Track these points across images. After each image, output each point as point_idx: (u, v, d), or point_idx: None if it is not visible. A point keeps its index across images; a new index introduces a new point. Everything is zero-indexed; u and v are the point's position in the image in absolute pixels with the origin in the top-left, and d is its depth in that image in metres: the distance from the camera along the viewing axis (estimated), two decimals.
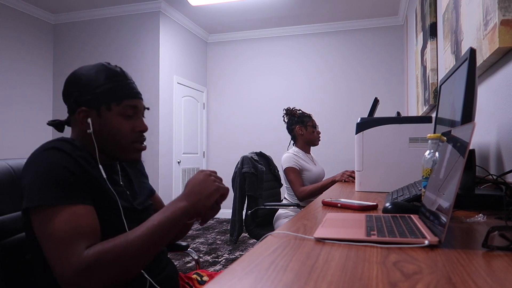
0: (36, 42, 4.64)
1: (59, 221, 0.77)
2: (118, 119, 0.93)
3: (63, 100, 0.98)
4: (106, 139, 0.93)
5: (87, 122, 0.92)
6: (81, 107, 0.92)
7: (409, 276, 0.48)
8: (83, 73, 0.94)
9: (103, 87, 0.92)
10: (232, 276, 0.49)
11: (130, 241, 0.78)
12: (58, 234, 0.76)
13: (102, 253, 0.75)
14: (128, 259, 0.77)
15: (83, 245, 0.77)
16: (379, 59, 5.07)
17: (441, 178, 0.74)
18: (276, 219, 2.52)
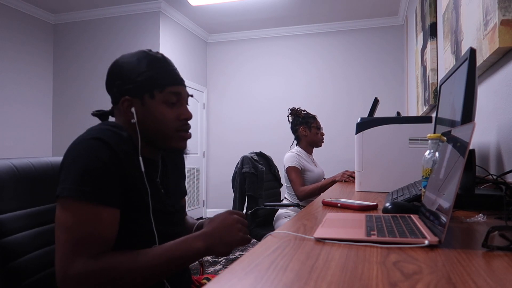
0: (36, 42, 4.64)
1: (79, 219, 0.76)
2: (161, 107, 0.91)
3: (107, 90, 0.96)
4: (151, 128, 0.91)
5: (131, 112, 0.90)
6: (124, 96, 0.90)
7: (409, 276, 0.48)
8: (124, 61, 0.92)
9: (145, 74, 0.90)
10: (232, 276, 0.50)
11: (137, 265, 0.76)
12: (74, 232, 0.76)
13: (106, 268, 0.74)
14: (130, 281, 0.75)
15: (93, 251, 0.76)
16: (379, 59, 5.07)
17: (441, 178, 0.74)
18: (276, 219, 2.52)
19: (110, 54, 4.70)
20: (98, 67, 4.75)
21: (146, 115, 0.90)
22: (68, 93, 4.84)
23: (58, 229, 0.77)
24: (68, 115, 4.83)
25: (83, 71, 4.80)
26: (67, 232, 0.76)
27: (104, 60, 4.73)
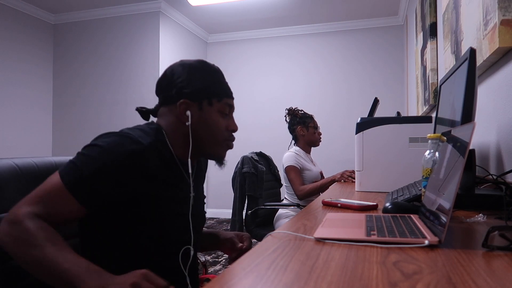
0: (36, 42, 4.64)
1: (53, 191, 0.81)
2: (216, 115, 0.96)
3: (159, 90, 0.99)
4: (203, 133, 0.95)
5: (186, 115, 0.93)
6: (183, 99, 0.94)
7: (409, 276, 0.48)
8: (187, 66, 0.96)
9: (207, 82, 0.96)
10: (232, 276, 0.50)
11: (40, 247, 0.74)
12: (44, 195, 0.81)
13: (32, 229, 0.75)
14: (30, 254, 0.75)
15: (41, 213, 0.79)
16: (379, 59, 5.07)
17: (441, 178, 0.74)
18: (276, 219, 2.52)
19: (110, 54, 4.71)
20: (98, 67, 4.75)
21: (201, 120, 0.95)
22: (68, 93, 4.84)
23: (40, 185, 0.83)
24: (68, 115, 4.83)
25: (83, 71, 4.80)
26: (40, 191, 0.82)
27: (104, 60, 4.73)
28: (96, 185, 0.82)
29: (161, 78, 0.99)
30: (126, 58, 4.65)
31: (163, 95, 0.98)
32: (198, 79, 0.95)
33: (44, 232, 0.77)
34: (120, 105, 4.64)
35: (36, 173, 0.96)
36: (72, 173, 0.83)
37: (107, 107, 4.69)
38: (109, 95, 4.70)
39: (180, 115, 0.94)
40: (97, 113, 4.73)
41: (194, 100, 0.94)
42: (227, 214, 5.45)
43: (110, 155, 0.83)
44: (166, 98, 0.97)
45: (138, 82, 4.59)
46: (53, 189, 0.82)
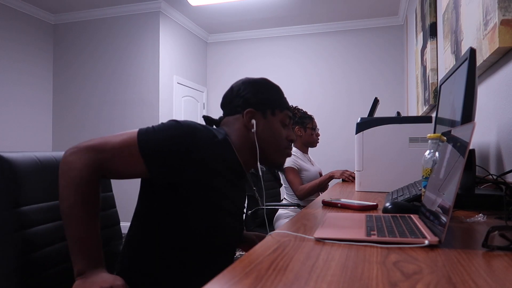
0: (36, 42, 4.64)
1: (123, 145, 0.87)
2: (278, 124, 1.05)
3: (225, 102, 1.08)
4: (266, 140, 1.03)
5: (251, 123, 1.01)
6: (249, 108, 1.02)
7: (409, 276, 0.48)
8: (252, 81, 1.07)
9: (271, 94, 1.05)
10: (232, 276, 0.50)
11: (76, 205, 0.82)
12: (113, 146, 0.86)
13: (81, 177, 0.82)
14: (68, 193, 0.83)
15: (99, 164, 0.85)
16: (379, 59, 5.07)
17: (441, 178, 0.74)
18: (276, 219, 2.52)
19: (110, 54, 4.71)
20: (98, 67, 4.75)
21: (265, 128, 1.03)
22: (68, 92, 4.84)
23: (115, 135, 0.89)
24: (68, 115, 4.83)
25: (83, 71, 4.80)
26: (111, 141, 0.87)
27: (104, 60, 4.73)
28: (165, 151, 0.87)
29: (228, 92, 1.09)
30: (126, 58, 4.65)
31: (229, 107, 1.06)
32: (263, 92, 1.05)
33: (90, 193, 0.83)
34: (120, 104, 4.64)
35: (55, 167, 1.00)
36: (150, 135, 0.88)
37: (107, 107, 4.69)
38: (109, 95, 4.70)
39: (246, 123, 1.02)
40: (97, 113, 4.73)
41: (258, 110, 1.03)
42: None
43: (187, 132, 0.90)
44: (232, 109, 1.05)
45: (138, 82, 4.59)
46: (125, 143, 0.87)
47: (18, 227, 0.86)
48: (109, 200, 1.17)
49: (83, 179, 0.82)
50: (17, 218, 0.86)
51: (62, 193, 0.83)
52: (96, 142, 0.86)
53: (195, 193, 0.91)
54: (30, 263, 0.87)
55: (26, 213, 0.88)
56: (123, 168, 0.87)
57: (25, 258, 0.86)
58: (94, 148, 0.85)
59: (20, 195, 0.88)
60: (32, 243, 0.89)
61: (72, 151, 0.84)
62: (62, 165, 0.84)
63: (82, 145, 0.85)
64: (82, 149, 0.84)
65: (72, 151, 0.84)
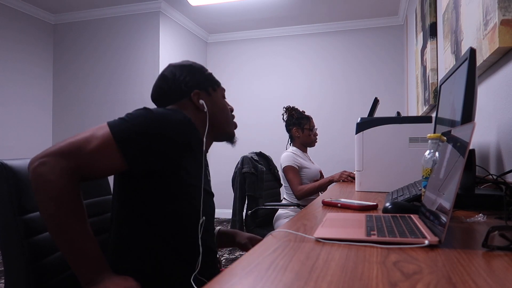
0: (36, 42, 4.64)
1: (96, 143, 0.82)
2: (221, 98, 1.12)
3: (162, 93, 1.07)
4: (217, 116, 1.08)
5: (201, 103, 1.05)
6: (195, 90, 1.05)
7: (409, 276, 0.48)
8: (180, 66, 1.10)
9: (204, 73, 1.10)
10: (232, 276, 0.50)
11: (65, 213, 0.78)
12: (83, 144, 0.81)
13: (58, 186, 0.77)
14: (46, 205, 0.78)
15: (72, 165, 0.80)
16: (379, 59, 5.07)
17: (441, 178, 0.74)
18: (276, 219, 2.52)
19: (110, 54, 4.70)
20: (98, 67, 4.75)
21: (213, 105, 1.08)
22: (68, 93, 4.84)
23: (81, 132, 0.85)
24: (68, 115, 4.83)
25: (83, 71, 4.80)
26: (81, 141, 0.82)
27: (104, 60, 4.73)
28: (144, 141, 0.86)
29: (160, 82, 1.08)
30: (126, 58, 4.65)
31: (169, 96, 1.06)
32: (197, 72, 1.09)
33: (73, 203, 0.79)
34: (120, 105, 4.64)
35: None
36: (125, 128, 0.85)
37: (107, 107, 4.69)
38: (109, 95, 4.70)
39: (196, 104, 1.05)
40: (97, 113, 4.72)
41: (202, 89, 1.07)
42: (227, 214, 5.45)
43: (163, 118, 0.89)
44: (173, 97, 1.06)
45: (138, 82, 4.59)
46: (101, 143, 0.83)
47: (25, 234, 0.86)
48: (109, 203, 1.16)
49: (62, 190, 0.78)
50: (23, 226, 0.86)
51: (45, 210, 0.77)
52: (65, 147, 0.81)
53: (174, 175, 0.92)
54: (39, 270, 0.87)
55: (32, 220, 0.88)
56: (102, 168, 0.84)
57: (34, 266, 0.86)
58: (66, 154, 0.80)
59: (25, 202, 0.88)
60: (40, 250, 0.88)
61: (40, 162, 0.78)
62: (34, 179, 0.77)
63: (48, 153, 0.79)
64: (51, 158, 0.78)
65: (40, 161, 0.78)
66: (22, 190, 0.88)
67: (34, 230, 0.88)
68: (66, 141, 0.82)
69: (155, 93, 1.10)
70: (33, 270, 0.86)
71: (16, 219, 0.85)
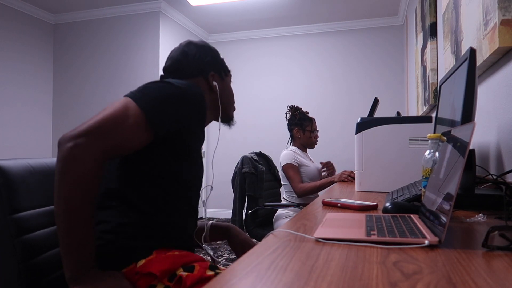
0: (36, 42, 4.64)
1: (123, 113, 0.83)
2: (229, 84, 1.21)
3: (179, 68, 1.10)
4: (225, 99, 1.16)
5: (214, 84, 1.12)
6: (211, 72, 1.12)
7: (409, 276, 0.48)
8: (200, 46, 1.13)
9: (218, 58, 1.16)
10: (232, 276, 0.50)
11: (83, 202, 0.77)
12: (109, 119, 0.81)
13: (81, 169, 0.76)
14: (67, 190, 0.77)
15: (103, 147, 0.79)
16: (379, 59, 5.07)
17: (441, 178, 0.74)
18: (276, 219, 2.53)
19: (110, 54, 4.71)
20: (98, 67, 4.75)
21: (224, 88, 1.16)
22: (68, 93, 4.84)
23: (105, 108, 0.84)
24: (68, 115, 4.83)
25: (83, 71, 4.80)
26: (107, 114, 0.82)
27: (104, 60, 4.73)
28: (170, 114, 0.90)
29: (180, 56, 1.11)
30: (126, 58, 4.65)
31: (185, 71, 1.10)
32: (215, 55, 1.15)
33: (95, 190, 0.79)
34: None
35: (47, 172, 0.99)
36: (153, 103, 0.87)
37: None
38: (109, 95, 4.69)
39: (211, 85, 1.12)
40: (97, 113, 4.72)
41: (217, 72, 1.14)
42: (227, 214, 5.45)
43: (182, 88, 0.93)
44: (189, 73, 1.10)
45: (138, 82, 4.58)
46: (134, 119, 0.83)
47: (16, 233, 0.86)
48: None
49: (92, 178, 0.77)
50: (15, 225, 0.86)
51: (64, 192, 0.75)
52: (102, 127, 0.80)
53: (183, 139, 0.96)
54: (31, 269, 0.87)
55: (23, 219, 0.88)
56: (133, 145, 0.86)
57: (26, 265, 0.86)
58: (103, 135, 0.79)
59: (16, 202, 0.88)
60: (31, 249, 0.89)
61: (74, 143, 0.76)
62: (65, 160, 0.75)
63: (82, 132, 0.77)
64: (87, 140, 0.77)
65: (75, 142, 0.76)
66: (13, 189, 0.88)
67: (26, 229, 0.89)
68: (101, 118, 0.81)
69: (172, 65, 1.12)
70: (25, 269, 0.86)
71: (6, 218, 0.85)
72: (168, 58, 1.14)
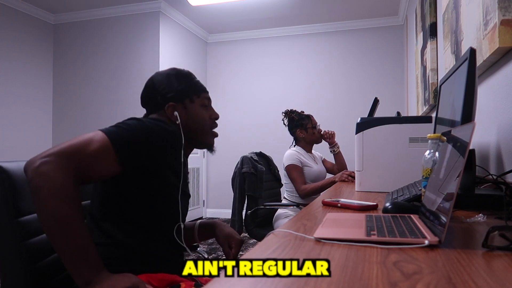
0: (36, 42, 4.64)
1: (94, 147, 0.86)
2: (199, 109, 1.13)
3: (145, 101, 1.13)
4: (192, 127, 1.11)
5: (175, 115, 1.08)
6: (169, 103, 1.09)
7: (409, 276, 0.48)
8: (163, 75, 1.12)
9: (184, 84, 1.12)
10: (232, 276, 0.49)
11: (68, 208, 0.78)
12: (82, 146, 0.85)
13: (61, 182, 0.78)
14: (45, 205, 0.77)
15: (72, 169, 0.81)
16: (379, 59, 5.06)
17: (441, 178, 0.74)
18: (275, 219, 2.53)
19: (110, 54, 4.70)
20: (98, 67, 4.75)
21: (188, 117, 1.10)
22: (68, 93, 4.84)
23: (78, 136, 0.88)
24: (68, 115, 4.83)
25: (83, 71, 4.80)
26: (79, 145, 0.85)
27: (104, 60, 4.73)
28: (138, 148, 0.92)
29: (144, 91, 1.13)
30: (126, 58, 4.65)
31: (150, 104, 1.12)
32: (176, 83, 1.11)
33: (76, 201, 0.80)
34: (120, 105, 4.64)
35: None
36: (120, 134, 0.90)
37: (107, 107, 4.69)
38: (109, 95, 4.70)
39: (170, 116, 1.08)
40: (97, 113, 4.72)
41: (178, 102, 1.10)
42: (227, 214, 5.45)
43: (150, 127, 0.95)
44: (154, 106, 1.11)
45: (138, 82, 4.58)
46: (100, 148, 0.86)
47: (21, 237, 0.85)
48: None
49: (68, 188, 0.78)
50: (20, 228, 0.85)
51: (47, 208, 0.76)
52: (67, 149, 0.83)
53: (157, 175, 0.98)
54: (36, 272, 0.87)
55: (28, 223, 0.88)
56: (99, 170, 0.88)
57: (31, 268, 0.86)
58: (68, 155, 0.82)
59: (20, 205, 0.87)
60: (37, 253, 0.88)
61: (42, 161, 0.78)
62: (36, 178, 0.77)
63: (50, 153, 0.80)
64: (54, 158, 0.79)
65: (42, 161, 0.78)
66: (18, 193, 0.87)
67: (30, 232, 0.88)
68: (65, 144, 0.84)
69: (141, 100, 1.16)
70: (30, 273, 0.85)
71: (12, 222, 0.85)
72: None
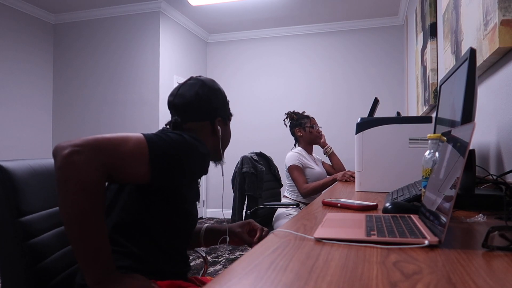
0: (36, 42, 4.64)
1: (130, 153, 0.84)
2: (229, 128, 1.25)
3: (185, 110, 1.12)
4: (224, 143, 1.20)
5: (218, 129, 1.15)
6: (219, 118, 1.16)
7: (409, 276, 0.48)
8: (215, 88, 1.16)
9: (225, 103, 1.21)
10: (232, 276, 0.50)
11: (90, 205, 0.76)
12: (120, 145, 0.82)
13: (91, 179, 0.76)
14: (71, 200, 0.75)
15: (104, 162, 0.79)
16: (379, 59, 5.07)
17: (441, 178, 0.74)
18: (275, 219, 2.53)
19: (110, 54, 4.70)
20: (98, 67, 4.75)
21: (225, 133, 1.20)
22: (68, 93, 4.84)
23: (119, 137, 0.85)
24: (68, 115, 4.83)
25: (83, 71, 4.80)
26: (110, 135, 0.83)
27: (104, 60, 4.73)
28: (173, 164, 0.90)
29: (193, 98, 1.11)
30: (126, 58, 4.65)
31: (195, 113, 1.12)
32: (224, 100, 1.20)
33: (101, 198, 0.78)
34: (120, 105, 4.64)
35: (48, 173, 0.98)
36: (160, 144, 0.89)
37: (107, 107, 4.69)
38: (109, 95, 4.70)
39: (216, 130, 1.15)
40: (97, 113, 4.73)
41: (223, 117, 1.18)
42: (227, 214, 5.45)
43: (194, 150, 0.96)
44: (198, 116, 1.12)
45: (138, 82, 4.58)
46: (136, 151, 0.84)
47: (23, 237, 0.84)
48: None
49: (96, 183, 0.76)
50: (22, 228, 0.84)
51: (71, 199, 0.74)
52: (102, 141, 0.79)
53: (181, 192, 1.01)
54: (37, 272, 0.86)
55: (29, 223, 0.87)
56: (128, 173, 0.84)
57: (33, 268, 0.85)
58: (102, 149, 0.79)
59: (22, 205, 0.86)
60: (39, 253, 0.87)
61: (73, 150, 0.75)
62: (65, 166, 0.74)
63: (83, 142, 0.76)
64: (87, 149, 0.76)
65: (74, 149, 0.75)
66: (19, 192, 0.86)
67: (31, 232, 0.87)
68: (102, 136, 0.81)
69: (183, 105, 1.11)
70: (31, 273, 0.84)
71: (13, 222, 0.84)
72: (178, 94, 1.12)
